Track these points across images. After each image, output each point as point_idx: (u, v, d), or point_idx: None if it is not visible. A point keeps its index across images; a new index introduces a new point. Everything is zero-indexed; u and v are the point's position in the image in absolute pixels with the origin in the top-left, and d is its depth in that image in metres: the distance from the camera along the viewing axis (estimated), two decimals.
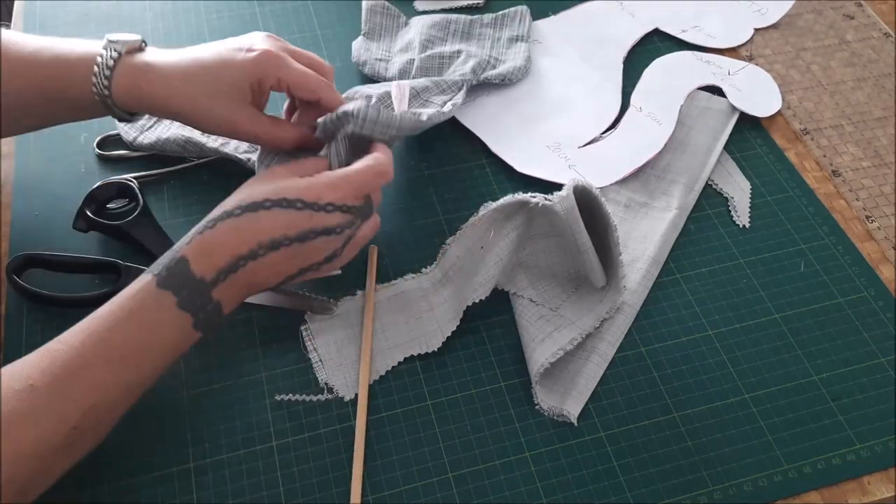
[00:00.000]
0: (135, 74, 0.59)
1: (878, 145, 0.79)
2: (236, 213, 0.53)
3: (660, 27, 0.88)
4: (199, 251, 0.52)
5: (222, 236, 0.53)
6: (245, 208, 0.53)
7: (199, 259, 0.52)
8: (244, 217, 0.53)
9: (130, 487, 0.55)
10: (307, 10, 0.88)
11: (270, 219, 0.53)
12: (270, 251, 0.54)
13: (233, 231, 0.53)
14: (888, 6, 0.93)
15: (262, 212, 0.53)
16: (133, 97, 0.59)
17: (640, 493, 0.56)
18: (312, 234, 0.54)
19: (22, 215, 0.69)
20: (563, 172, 0.73)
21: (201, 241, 0.53)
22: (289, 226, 0.54)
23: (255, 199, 0.54)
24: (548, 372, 0.60)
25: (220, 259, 0.53)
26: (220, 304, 0.53)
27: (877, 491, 0.57)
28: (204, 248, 0.52)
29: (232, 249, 0.53)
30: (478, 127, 0.78)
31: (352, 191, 0.56)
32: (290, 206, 0.54)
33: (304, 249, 0.55)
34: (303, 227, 0.54)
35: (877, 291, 0.68)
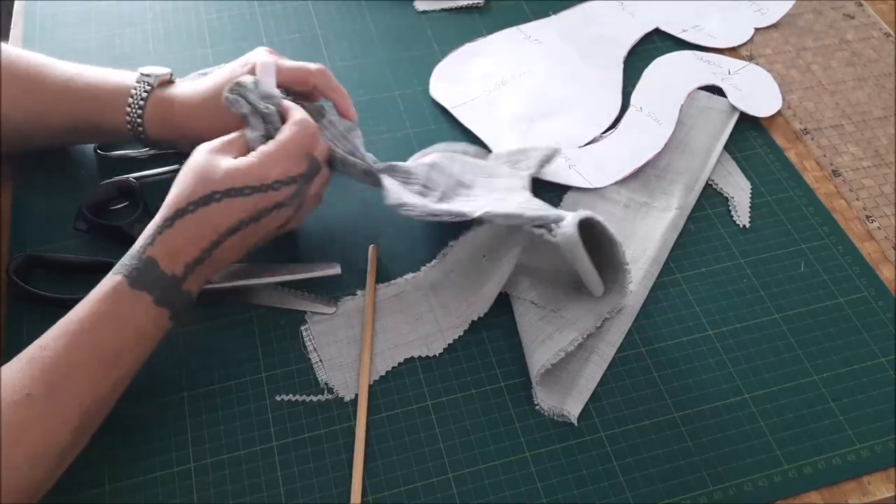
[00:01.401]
0: (165, 105, 0.65)
1: (878, 145, 0.79)
2: (190, 210, 0.55)
3: (660, 27, 0.88)
4: (165, 250, 0.54)
5: (183, 233, 0.55)
6: (197, 203, 0.55)
7: (167, 258, 0.54)
8: (199, 213, 0.55)
9: (130, 487, 0.55)
10: (307, 10, 0.88)
11: (224, 209, 0.55)
12: (230, 236, 0.56)
13: (192, 227, 0.55)
14: (888, 6, 0.93)
15: (213, 204, 0.55)
16: (164, 126, 0.65)
17: (640, 493, 0.56)
18: (266, 211, 0.57)
19: (22, 215, 0.69)
20: (563, 172, 0.74)
21: (164, 241, 0.54)
22: (243, 210, 0.56)
23: (203, 192, 0.55)
24: (548, 372, 0.60)
25: (187, 254, 0.55)
26: (191, 292, 0.56)
27: (877, 491, 0.57)
28: (168, 247, 0.54)
29: (195, 244, 0.55)
30: (477, 126, 0.78)
31: (292, 160, 0.58)
32: (238, 193, 0.56)
33: (260, 225, 0.57)
34: (256, 209, 0.56)
35: (877, 291, 0.68)
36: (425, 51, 0.84)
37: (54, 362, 0.50)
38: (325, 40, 0.85)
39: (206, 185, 0.55)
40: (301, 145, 0.59)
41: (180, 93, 0.65)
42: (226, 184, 0.55)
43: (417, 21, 0.88)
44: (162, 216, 0.55)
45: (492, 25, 0.87)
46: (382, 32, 0.86)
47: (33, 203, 0.70)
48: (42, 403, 0.49)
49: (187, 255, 0.55)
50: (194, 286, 0.56)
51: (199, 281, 0.57)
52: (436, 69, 0.83)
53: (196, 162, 0.57)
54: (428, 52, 0.84)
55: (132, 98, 0.64)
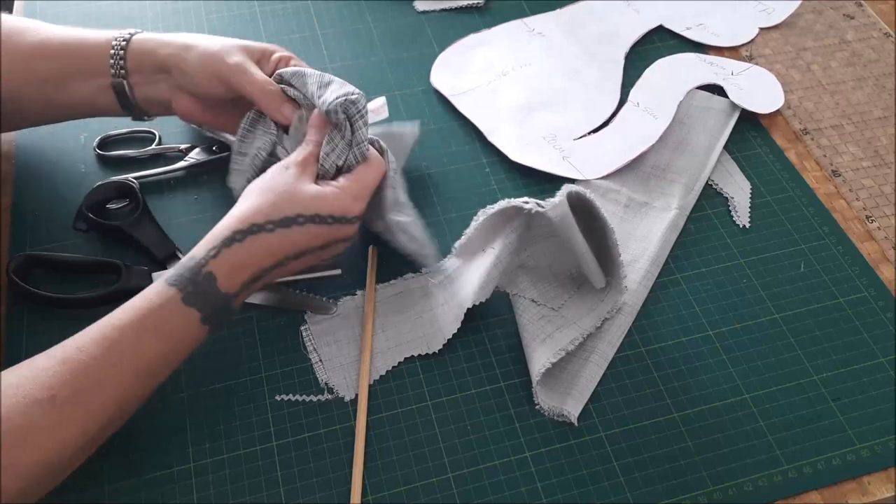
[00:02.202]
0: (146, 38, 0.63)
1: (878, 145, 0.79)
2: (269, 229, 0.53)
3: (664, 24, 0.88)
4: (228, 267, 0.52)
5: (252, 251, 0.53)
6: (278, 223, 0.54)
7: (227, 275, 0.53)
8: (277, 233, 0.54)
9: (130, 487, 0.55)
10: (307, 10, 0.88)
11: (302, 234, 0.55)
12: (295, 259, 0.55)
13: (264, 247, 0.53)
14: (888, 6, 0.93)
15: (295, 227, 0.54)
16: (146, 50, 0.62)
17: (640, 493, 0.56)
18: (335, 242, 0.57)
19: (22, 215, 0.69)
20: (557, 163, 0.74)
21: (230, 256, 0.52)
22: (318, 238, 0.56)
23: (287, 213, 0.54)
24: (548, 372, 0.60)
25: (246, 273, 0.53)
26: (235, 309, 0.55)
27: (877, 491, 0.57)
28: (232, 264, 0.53)
29: (259, 263, 0.54)
30: (474, 114, 0.78)
31: (365, 200, 0.59)
32: (321, 221, 0.55)
33: (321, 253, 0.57)
34: (329, 238, 0.56)
35: (877, 291, 0.68)
36: (425, 51, 0.84)
37: (87, 368, 0.48)
38: (325, 40, 0.85)
39: (292, 206, 0.54)
40: (374, 185, 0.60)
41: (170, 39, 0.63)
42: (312, 209, 0.55)
43: (417, 21, 0.88)
44: (231, 228, 0.53)
45: (492, 25, 0.87)
46: (382, 32, 0.86)
47: (33, 203, 0.70)
48: (64, 408, 0.47)
49: (247, 273, 0.53)
50: (239, 303, 0.55)
51: (244, 298, 0.55)
52: (438, 58, 0.83)
53: (279, 180, 0.56)
54: (428, 52, 0.84)
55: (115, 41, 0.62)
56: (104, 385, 0.49)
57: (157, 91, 0.63)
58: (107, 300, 0.61)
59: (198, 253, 0.53)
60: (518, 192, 0.73)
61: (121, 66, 0.62)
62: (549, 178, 0.73)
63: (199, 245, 0.54)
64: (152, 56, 0.62)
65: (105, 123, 0.75)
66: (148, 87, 0.63)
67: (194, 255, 0.53)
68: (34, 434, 0.46)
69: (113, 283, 0.62)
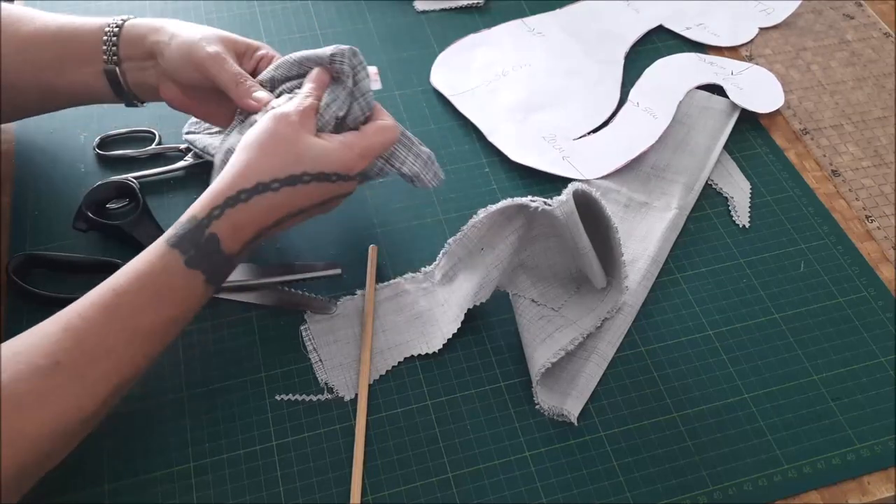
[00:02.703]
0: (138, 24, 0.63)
1: (878, 145, 0.79)
2: (274, 188, 0.52)
3: (664, 24, 0.88)
4: (231, 228, 0.51)
5: (257, 211, 0.52)
6: (284, 181, 0.52)
7: (231, 236, 0.52)
8: (282, 192, 0.53)
9: (130, 487, 0.55)
10: (307, 10, 0.88)
11: (307, 191, 0.54)
12: (296, 216, 0.55)
13: (268, 206, 0.53)
14: (888, 6, 0.93)
15: (300, 186, 0.53)
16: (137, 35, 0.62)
17: (640, 493, 0.56)
18: (334, 199, 0.57)
19: (22, 215, 0.69)
20: (557, 163, 0.74)
21: (234, 217, 0.51)
22: (321, 195, 0.55)
23: (293, 171, 0.53)
24: (548, 372, 0.60)
25: (249, 233, 0.53)
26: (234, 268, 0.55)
27: (877, 491, 0.57)
28: (236, 225, 0.52)
29: (262, 222, 0.53)
30: (473, 114, 0.78)
31: (368, 159, 0.58)
32: (326, 179, 0.55)
33: (321, 208, 0.57)
34: (331, 194, 0.56)
35: (877, 291, 0.68)
36: (425, 51, 0.84)
37: (90, 335, 0.48)
38: (325, 40, 0.84)
39: (298, 163, 0.53)
40: (381, 150, 0.59)
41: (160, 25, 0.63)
42: (318, 167, 0.54)
43: (417, 21, 0.88)
44: (235, 187, 0.51)
45: (491, 25, 0.87)
46: (382, 32, 0.86)
47: (33, 203, 0.70)
48: (69, 373, 0.47)
49: (250, 232, 0.52)
50: (238, 263, 0.54)
51: (245, 257, 0.55)
52: (438, 58, 0.83)
53: (281, 135, 0.54)
54: (428, 52, 0.84)
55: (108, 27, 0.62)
56: (108, 351, 0.48)
57: (147, 77, 0.63)
58: None
59: (199, 213, 0.51)
60: (518, 192, 0.73)
61: (113, 52, 0.62)
62: (549, 178, 0.73)
63: (198, 203, 0.52)
64: (141, 42, 0.62)
65: (105, 123, 0.75)
66: (139, 72, 0.63)
67: (195, 214, 0.51)
68: (40, 401, 0.46)
69: None
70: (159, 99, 0.65)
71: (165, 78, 0.63)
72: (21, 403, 0.45)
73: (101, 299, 0.49)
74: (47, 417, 0.46)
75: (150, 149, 0.73)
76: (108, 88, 0.64)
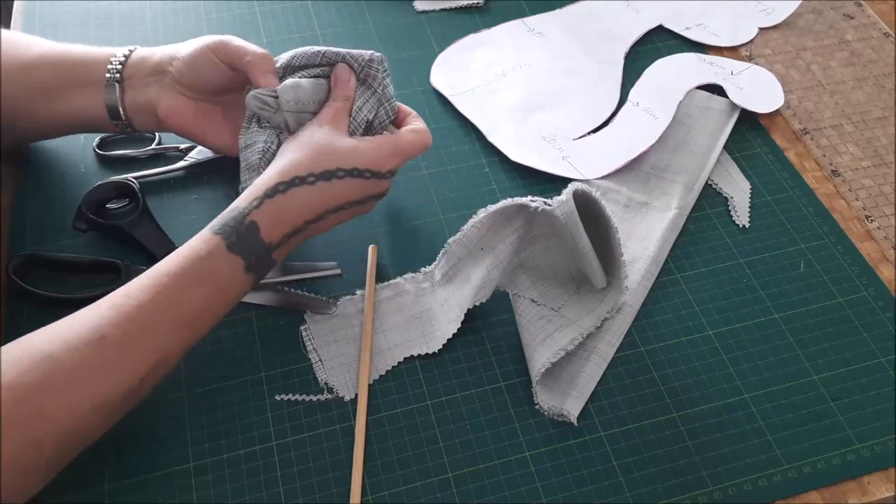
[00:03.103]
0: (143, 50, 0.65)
1: (877, 145, 0.79)
2: (310, 181, 0.55)
3: (664, 24, 0.88)
4: (270, 217, 0.54)
5: (295, 203, 0.55)
6: (319, 176, 0.56)
7: (270, 225, 0.54)
8: (318, 186, 0.56)
9: (130, 487, 0.55)
10: (307, 10, 0.88)
11: (342, 187, 0.57)
12: (335, 213, 0.57)
13: (306, 199, 0.55)
14: (888, 6, 0.93)
15: (335, 181, 0.56)
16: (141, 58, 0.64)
17: (640, 493, 0.56)
18: (371, 197, 0.59)
19: (22, 215, 0.69)
20: (557, 163, 0.74)
21: (273, 207, 0.54)
22: (357, 192, 0.58)
23: (328, 166, 0.56)
24: (548, 372, 0.60)
25: (289, 224, 0.55)
26: (277, 261, 0.56)
27: (877, 491, 0.57)
28: (274, 215, 0.54)
29: (301, 216, 0.56)
30: (473, 114, 0.78)
31: (400, 159, 0.60)
32: (360, 175, 0.57)
33: (359, 208, 0.59)
34: (367, 193, 0.59)
35: (877, 291, 0.68)
36: (425, 51, 0.84)
37: (136, 313, 0.50)
38: (325, 40, 0.84)
39: (331, 159, 0.56)
40: (414, 152, 0.62)
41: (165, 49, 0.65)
42: (351, 162, 0.57)
43: (417, 21, 0.88)
44: (274, 180, 0.55)
45: (491, 25, 0.87)
46: (382, 32, 0.86)
47: (33, 203, 0.70)
48: (114, 348, 0.49)
49: (289, 224, 0.55)
50: (281, 257, 0.56)
51: (286, 252, 0.57)
52: (438, 58, 0.83)
53: (315, 137, 0.58)
54: (428, 52, 0.84)
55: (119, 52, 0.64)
56: (152, 330, 0.50)
57: (147, 94, 0.64)
58: None
59: (241, 204, 0.55)
60: (518, 192, 0.73)
61: (117, 70, 0.63)
62: (549, 178, 0.73)
63: (241, 197, 0.55)
64: (146, 61, 0.64)
65: None
66: (138, 91, 0.64)
67: (237, 205, 0.55)
68: (86, 373, 0.48)
69: (113, 283, 0.62)
70: (153, 127, 0.66)
71: (170, 90, 0.63)
72: (68, 377, 0.47)
73: (148, 281, 0.52)
74: (91, 390, 0.48)
75: (150, 149, 0.73)
76: (104, 111, 0.64)
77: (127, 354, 0.49)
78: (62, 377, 0.47)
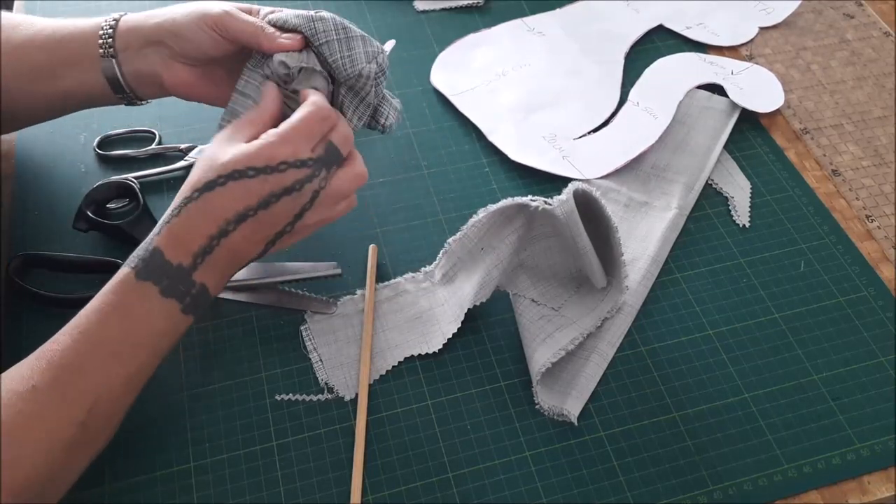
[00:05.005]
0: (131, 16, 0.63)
1: (878, 144, 0.79)
2: (195, 197, 0.54)
3: (664, 24, 0.88)
4: (171, 240, 0.53)
5: (189, 221, 0.54)
6: (202, 189, 0.54)
7: (173, 247, 0.53)
8: (202, 199, 0.53)
9: (130, 487, 0.55)
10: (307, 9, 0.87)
11: (227, 194, 0.53)
12: (239, 224, 0.54)
13: (197, 215, 0.54)
14: (888, 6, 0.93)
15: (217, 189, 0.53)
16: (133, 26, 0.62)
17: (640, 493, 0.56)
18: (273, 197, 0.54)
19: (22, 215, 0.69)
20: (557, 163, 0.74)
21: (170, 230, 0.53)
22: (248, 196, 0.54)
23: (208, 178, 0.54)
24: (548, 371, 0.60)
25: (193, 243, 0.53)
26: (205, 285, 0.54)
27: (877, 491, 0.57)
28: (174, 236, 0.53)
29: (201, 232, 0.54)
30: (473, 114, 0.78)
31: (301, 143, 0.55)
32: (241, 176, 0.54)
33: (270, 214, 0.55)
34: (261, 194, 0.54)
35: (877, 291, 0.68)
36: (425, 50, 0.84)
37: (61, 356, 0.49)
38: None
39: (211, 170, 0.54)
40: (312, 131, 0.56)
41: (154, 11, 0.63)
42: (229, 167, 0.54)
43: (417, 21, 0.88)
44: (172, 206, 0.55)
45: (491, 25, 0.87)
46: (382, 32, 0.86)
47: (33, 203, 0.70)
48: (46, 395, 0.48)
49: (194, 243, 0.53)
50: (209, 278, 0.54)
51: (215, 274, 0.55)
52: (438, 57, 0.83)
53: (207, 150, 0.56)
54: (428, 52, 0.84)
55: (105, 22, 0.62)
56: (80, 371, 0.50)
57: (148, 64, 0.62)
58: None
59: (148, 236, 0.55)
60: (518, 191, 0.73)
61: (109, 44, 0.62)
62: (549, 178, 0.73)
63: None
64: (139, 29, 0.62)
65: (105, 123, 0.75)
66: (137, 62, 0.62)
67: (146, 239, 0.54)
68: (23, 423, 0.47)
69: None
70: (159, 94, 0.65)
71: (172, 62, 0.62)
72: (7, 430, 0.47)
73: (71, 323, 0.51)
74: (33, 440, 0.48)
75: (151, 149, 0.73)
76: (106, 87, 0.63)
77: (60, 399, 0.49)
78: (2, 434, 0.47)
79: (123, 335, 0.52)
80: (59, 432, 0.49)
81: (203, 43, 0.61)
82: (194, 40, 0.61)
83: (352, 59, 0.59)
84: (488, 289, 0.62)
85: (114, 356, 0.51)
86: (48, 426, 0.48)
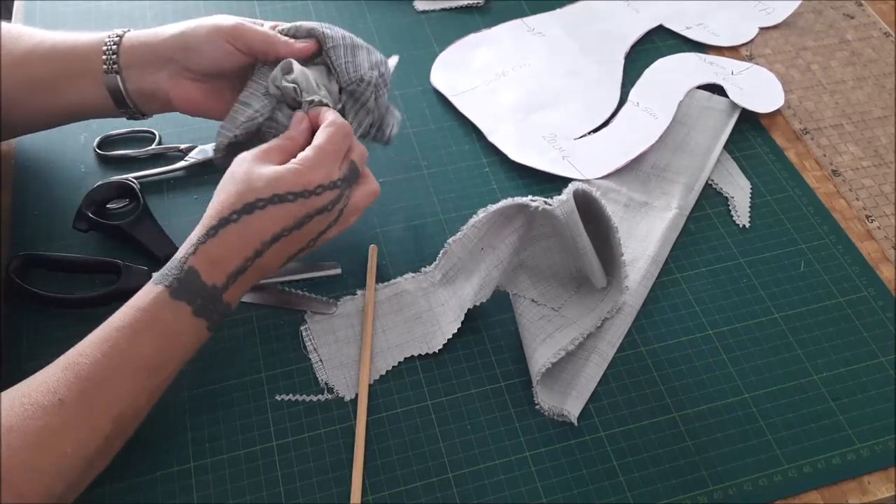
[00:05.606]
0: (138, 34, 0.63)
1: (878, 145, 0.79)
2: (234, 219, 0.54)
3: (664, 24, 0.88)
4: (207, 261, 0.53)
5: (226, 244, 0.54)
6: (240, 212, 0.54)
7: (209, 268, 0.53)
8: (242, 221, 0.54)
9: (130, 487, 0.55)
10: (307, 10, 0.87)
11: (268, 217, 0.55)
12: (273, 244, 0.55)
13: (235, 237, 0.54)
14: (888, 6, 0.93)
15: (257, 212, 0.54)
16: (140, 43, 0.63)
17: (640, 493, 0.56)
18: (308, 218, 0.56)
19: (22, 215, 0.69)
20: (557, 163, 0.74)
21: (207, 251, 0.54)
22: (286, 218, 0.55)
23: (247, 200, 0.54)
24: (548, 371, 0.60)
25: (229, 265, 0.54)
26: (230, 304, 0.55)
27: (877, 491, 0.57)
28: (211, 258, 0.54)
29: (238, 254, 0.54)
30: (473, 114, 0.78)
31: (332, 164, 0.57)
32: (282, 200, 0.55)
33: (302, 233, 0.57)
34: (299, 216, 0.56)
35: (877, 291, 0.68)
36: (425, 51, 0.84)
37: (90, 370, 0.49)
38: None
39: (249, 192, 0.54)
40: (339, 146, 0.58)
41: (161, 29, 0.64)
42: (269, 191, 0.55)
43: (417, 21, 0.88)
44: (204, 226, 0.54)
45: (491, 25, 0.87)
46: (382, 32, 0.86)
47: (33, 203, 0.70)
48: (74, 409, 0.48)
49: (230, 265, 0.54)
50: (234, 296, 0.55)
51: (240, 291, 0.56)
52: (438, 58, 0.83)
53: (238, 170, 0.56)
54: (428, 52, 0.84)
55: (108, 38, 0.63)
56: (108, 385, 0.50)
57: (153, 82, 0.63)
58: (107, 300, 0.61)
59: (179, 253, 0.54)
60: (518, 192, 0.73)
61: (113, 60, 0.62)
62: (549, 178, 0.73)
63: (181, 247, 0.55)
64: (147, 47, 0.62)
65: (105, 123, 0.74)
66: (142, 79, 0.63)
67: (177, 255, 0.54)
68: (49, 436, 0.47)
69: (113, 283, 0.62)
70: (163, 110, 0.65)
71: (179, 78, 0.63)
72: (32, 440, 0.47)
73: (99, 337, 0.51)
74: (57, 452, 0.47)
75: (151, 149, 0.73)
76: (108, 101, 0.63)
77: (87, 413, 0.49)
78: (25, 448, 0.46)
79: (154, 352, 0.52)
80: (85, 446, 0.49)
81: (217, 55, 0.61)
82: (208, 53, 0.61)
83: (355, 63, 0.62)
84: (488, 289, 0.62)
85: (141, 371, 0.51)
86: (75, 439, 0.48)
